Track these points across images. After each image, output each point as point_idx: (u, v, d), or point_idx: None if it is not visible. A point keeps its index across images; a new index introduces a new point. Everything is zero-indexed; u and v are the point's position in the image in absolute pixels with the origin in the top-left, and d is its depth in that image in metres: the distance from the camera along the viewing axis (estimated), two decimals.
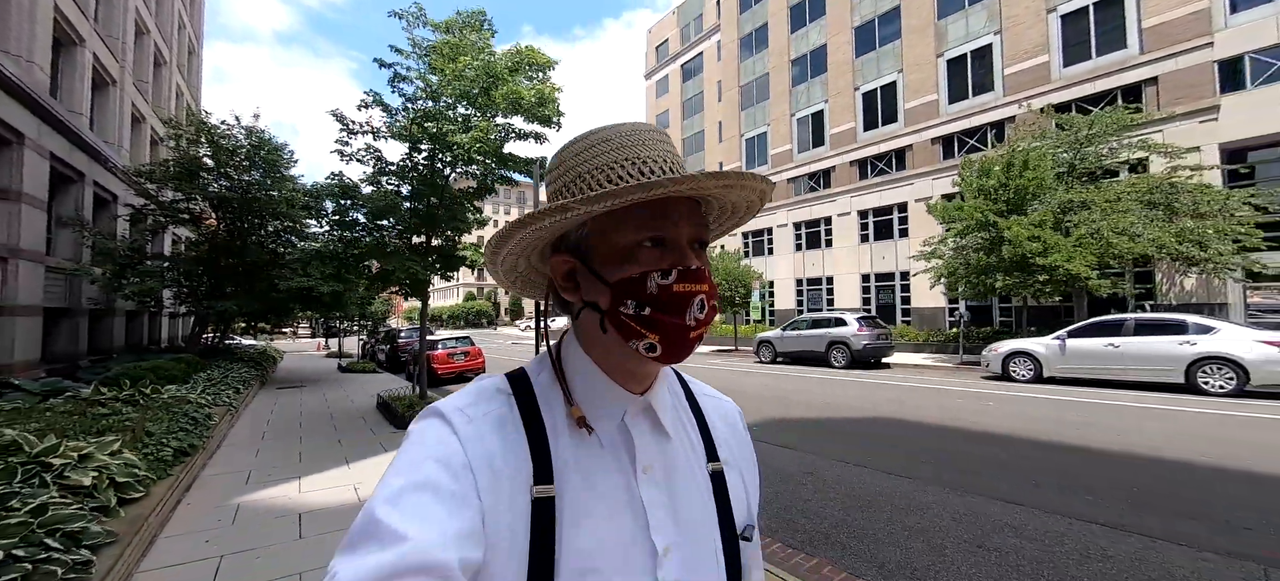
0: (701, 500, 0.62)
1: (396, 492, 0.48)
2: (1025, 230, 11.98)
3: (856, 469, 5.31)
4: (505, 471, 0.54)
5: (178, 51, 21.19)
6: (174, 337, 21.40)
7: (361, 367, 17.27)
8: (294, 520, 4.14)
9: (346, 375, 15.75)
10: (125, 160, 14.95)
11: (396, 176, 8.85)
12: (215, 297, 12.91)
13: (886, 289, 23.87)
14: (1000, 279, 12.81)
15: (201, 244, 13.74)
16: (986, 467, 5.26)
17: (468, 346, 14.91)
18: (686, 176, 0.52)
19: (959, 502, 4.32)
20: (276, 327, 22.57)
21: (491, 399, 0.59)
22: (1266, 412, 7.31)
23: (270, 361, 17.29)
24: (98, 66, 13.58)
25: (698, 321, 0.56)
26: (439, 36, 8.42)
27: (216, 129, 12.54)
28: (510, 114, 8.40)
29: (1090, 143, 14.72)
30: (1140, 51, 16.84)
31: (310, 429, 7.66)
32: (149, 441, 4.45)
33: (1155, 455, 5.48)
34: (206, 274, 13.29)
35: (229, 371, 10.89)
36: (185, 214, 13.04)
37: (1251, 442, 5.82)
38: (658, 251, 0.56)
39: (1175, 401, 8.32)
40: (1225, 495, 4.32)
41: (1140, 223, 12.00)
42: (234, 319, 15.15)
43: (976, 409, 8.22)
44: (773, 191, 0.63)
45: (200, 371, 9.59)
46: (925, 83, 22.53)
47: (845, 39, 25.91)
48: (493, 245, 0.60)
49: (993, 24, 20.50)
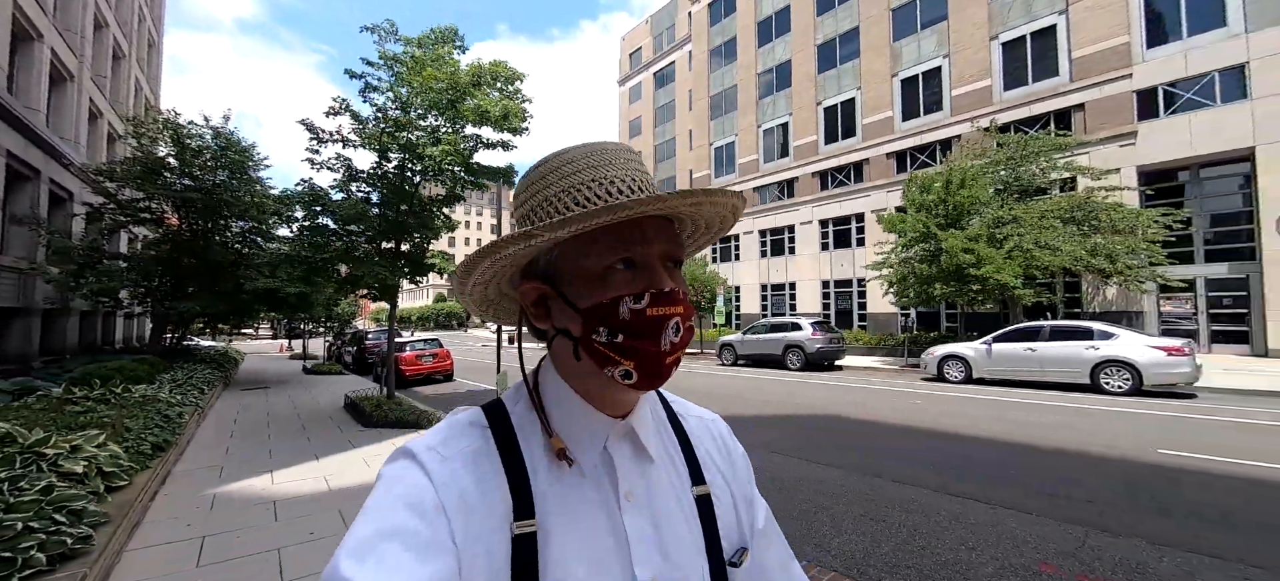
0: (687, 526, 0.61)
1: (364, 544, 0.46)
2: (960, 242, 13.05)
3: (786, 458, 5.96)
4: (482, 510, 0.52)
5: (137, 45, 20.70)
6: (129, 338, 20.85)
7: (328, 369, 17.27)
8: (269, 507, 4.52)
9: (312, 377, 15.76)
10: (82, 157, 14.68)
11: (366, 183, 9.16)
12: (177, 298, 12.85)
13: (845, 295, 25.03)
14: (939, 287, 13.87)
15: (163, 243, 13.62)
16: (899, 457, 5.98)
17: (436, 348, 15.16)
18: (654, 197, 0.52)
19: (866, 485, 4.99)
20: (236, 328, 22.20)
21: (465, 434, 0.57)
22: (1139, 408, 8.33)
23: (232, 363, 17.12)
24: (55, 61, 13.35)
25: (673, 345, 0.54)
26: (410, 51, 8.79)
27: (184, 128, 12.52)
28: (478, 125, 8.83)
29: (1023, 162, 16.02)
30: (1070, 79, 18.33)
31: (278, 428, 7.91)
32: (128, 436, 4.75)
33: (1038, 444, 6.31)
34: (167, 274, 13.20)
35: (193, 372, 10.95)
36: (146, 213, 12.95)
37: (1111, 431, 6.73)
38: (629, 274, 0.55)
39: (1080, 400, 9.33)
40: (1079, 475, 5.12)
41: (1060, 238, 13.19)
42: (195, 319, 15.02)
43: (905, 407, 9.05)
44: (744, 206, 0.62)
45: (164, 372, 9.66)
46: (881, 100, 23.80)
47: (809, 55, 27.08)
48: (460, 273, 0.59)
49: (942, 48, 21.87)
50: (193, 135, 12.72)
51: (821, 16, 26.68)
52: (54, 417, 4.79)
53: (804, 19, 27.37)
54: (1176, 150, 16.19)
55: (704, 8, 34.08)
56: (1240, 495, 4.54)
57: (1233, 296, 15.69)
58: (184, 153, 12.48)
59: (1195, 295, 16.29)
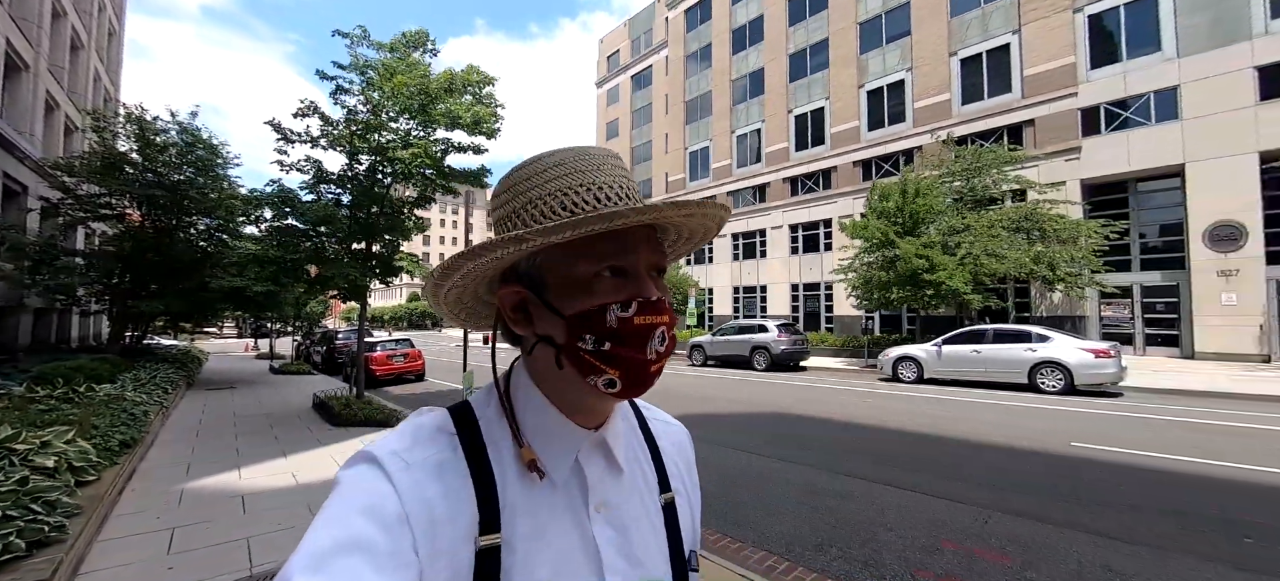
0: (654, 533, 0.61)
1: (320, 555, 0.44)
2: (914, 249, 13.76)
3: (736, 452, 6.37)
4: (446, 522, 0.50)
5: (97, 35, 20.09)
6: (85, 336, 20.19)
7: (296, 369, 17.09)
8: (237, 500, 4.69)
9: (279, 377, 15.61)
10: (39, 151, 14.26)
11: (336, 184, 9.24)
12: (139, 296, 12.63)
13: (813, 298, 25.79)
14: (896, 292, 14.58)
15: (124, 240, 13.35)
16: (842, 450, 6.44)
17: (407, 348, 15.20)
18: (649, 206, 0.51)
19: (808, 474, 5.42)
20: (198, 326, 21.70)
21: (432, 440, 0.55)
22: (1067, 406, 9.03)
23: (195, 362, 16.80)
24: (10, 51, 12.98)
25: (658, 354, 0.54)
26: (382, 55, 8.92)
27: (150, 123, 12.33)
28: (450, 128, 9.02)
29: (976, 174, 16.90)
30: (1022, 96, 19.37)
31: (245, 427, 7.97)
32: (96, 432, 4.85)
33: (970, 438, 6.86)
34: (129, 271, 12.95)
35: (155, 372, 10.83)
36: (107, 209, 12.68)
37: (1036, 427, 7.34)
38: (616, 282, 0.54)
39: (1018, 398, 10.02)
40: (1001, 465, 5.65)
41: (1006, 246, 14.03)
42: (157, 317, 14.73)
43: (857, 405, 9.59)
44: (729, 216, 0.62)
45: (125, 372, 9.56)
46: (848, 110, 24.64)
47: (781, 65, 27.82)
48: (436, 277, 0.57)
49: (905, 62, 22.79)
50: (159, 131, 12.53)
51: (793, 27, 27.45)
52: (19, 415, 4.86)
53: (776, 29, 28.11)
54: (1116, 165, 17.29)
55: (681, 13, 34.61)
56: (1134, 482, 5.11)
57: (1165, 302, 16.84)
58: (148, 148, 12.29)
59: (1132, 301, 17.43)
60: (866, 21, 24.31)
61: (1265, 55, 14.99)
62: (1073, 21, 18.30)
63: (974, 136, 20.37)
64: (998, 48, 20.13)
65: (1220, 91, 15.50)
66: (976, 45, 20.68)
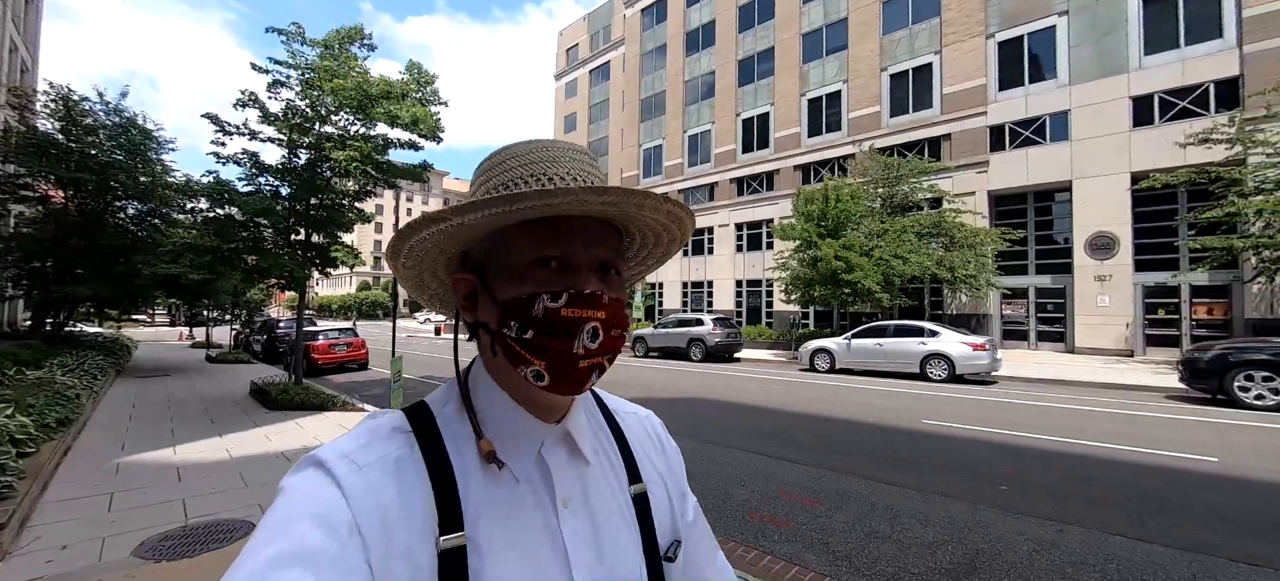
0: (625, 526, 0.60)
1: (262, 569, 0.41)
2: (833, 250, 15.06)
3: None
4: (403, 525, 0.48)
5: (12, 3, 18.93)
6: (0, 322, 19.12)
7: (234, 357, 16.88)
8: (173, 471, 5.16)
9: (216, 365, 15.45)
10: None
11: (275, 176, 9.46)
12: (63, 281, 12.34)
13: (755, 294, 27.18)
14: (817, 289, 15.89)
15: (46, 223, 12.94)
16: (736, 427, 7.39)
17: (350, 338, 15.37)
18: (563, 190, 0.49)
19: (703, 448, 6.31)
20: (127, 313, 20.86)
21: (387, 439, 0.53)
22: (943, 392, 10.40)
23: (124, 350, 16.35)
24: None
25: (588, 350, 0.52)
26: (317, 52, 9.13)
27: (78, 105, 12.04)
28: (391, 125, 9.38)
29: (896, 183, 18.47)
30: (940, 112, 21.13)
31: (180, 412, 8.23)
32: (32, 410, 5.18)
33: (851, 418, 7.96)
34: (51, 255, 12.61)
35: (84, 358, 10.73)
36: (27, 190, 12.30)
37: (905, 408, 8.55)
38: (551, 272, 0.53)
39: (908, 385, 11.35)
40: (860, 438, 6.72)
41: (911, 251, 15.54)
42: (83, 303, 14.32)
43: (770, 391, 10.66)
44: (692, 222, 0.60)
45: (51, 358, 9.51)
46: (791, 117, 26.02)
47: (730, 69, 28.96)
48: (388, 255, 0.58)
49: (842, 74, 24.30)
50: (85, 112, 12.24)
51: (743, 34, 28.62)
52: None
53: (727, 35, 29.21)
54: (1017, 179, 19.23)
55: (638, 13, 35.25)
56: (953, 449, 6.26)
57: (1054, 303, 18.94)
58: (74, 128, 11.99)
59: (1028, 301, 19.49)
60: (809, 33, 25.71)
61: (1139, 87, 17.08)
62: (985, 46, 20.14)
63: (901, 147, 22.04)
64: (922, 66, 21.84)
65: (1102, 117, 17.55)
66: (904, 63, 22.35)
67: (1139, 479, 5.13)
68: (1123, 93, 17.26)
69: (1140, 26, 17.13)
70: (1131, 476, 5.20)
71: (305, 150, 9.27)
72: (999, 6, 19.99)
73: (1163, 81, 16.68)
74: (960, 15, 20.70)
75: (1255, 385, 8.45)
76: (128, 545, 3.55)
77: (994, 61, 20.01)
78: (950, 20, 20.98)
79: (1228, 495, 4.68)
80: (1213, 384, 8.85)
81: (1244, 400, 8.50)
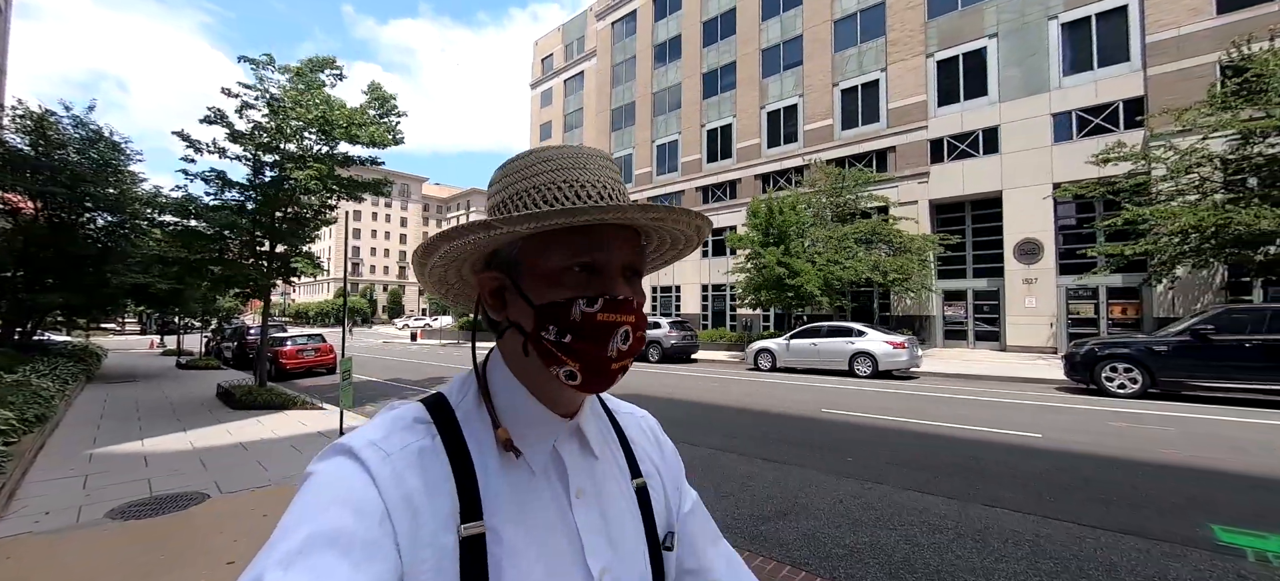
0: (630, 517, 0.64)
1: (295, 551, 0.43)
2: (776, 257, 16.16)
3: None
4: (427, 511, 0.50)
5: None
6: None
7: (204, 364, 17.31)
8: (140, 458, 5.88)
9: (186, 372, 15.90)
10: None
11: (240, 190, 10.14)
12: (33, 290, 12.78)
13: (719, 298, 28.26)
14: (763, 294, 16.97)
15: (15, 234, 13.34)
16: (670, 419, 8.28)
17: (319, 343, 15.95)
18: (612, 206, 0.53)
19: None
20: (96, 322, 21.04)
21: (409, 429, 0.55)
22: (860, 386, 11.46)
23: (94, 358, 16.70)
24: None
25: (620, 352, 0.55)
26: (288, 78, 9.89)
27: (52, 123, 12.52)
28: (351, 144, 10.13)
29: (842, 193, 19.68)
30: (887, 126, 22.48)
31: (148, 412, 8.86)
32: (14, 406, 5.86)
33: (766, 408, 8.93)
34: (21, 265, 13.03)
35: (55, 365, 11.23)
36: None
37: (812, 401, 9.56)
38: (586, 277, 0.55)
39: (834, 381, 12.41)
40: (765, 426, 7.68)
41: (850, 257, 16.72)
42: (53, 311, 14.70)
43: (711, 388, 11.61)
44: (709, 227, 0.64)
45: (24, 364, 10.03)
46: (751, 128, 27.23)
47: (696, 82, 30.12)
48: (419, 255, 0.59)
49: (798, 89, 25.59)
50: (53, 126, 12.72)
51: (707, 48, 29.81)
52: None
53: (692, 49, 30.39)
54: (955, 189, 20.60)
55: (609, 26, 36.30)
56: (839, 433, 7.25)
57: (990, 305, 20.31)
58: (44, 145, 12.47)
59: (967, 303, 20.84)
60: (768, 49, 26.98)
61: (1058, 105, 18.55)
62: (925, 65, 21.54)
63: (852, 158, 23.34)
64: (869, 83, 23.20)
65: (1027, 132, 18.99)
66: (854, 79, 23.69)
67: (964, 450, 6.16)
68: (1045, 110, 18.72)
69: (1060, 50, 18.63)
70: (960, 448, 6.23)
71: (270, 167, 9.98)
72: (937, 28, 21.42)
73: (1079, 100, 18.17)
74: (903, 35, 22.10)
75: (1118, 375, 9.66)
76: (100, 511, 4.32)
77: (934, 79, 21.41)
78: (894, 40, 22.37)
79: (1032, 461, 5.72)
80: (1086, 375, 10.04)
81: (1109, 388, 9.70)
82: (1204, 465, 5.44)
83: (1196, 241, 12.22)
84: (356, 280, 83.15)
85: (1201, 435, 6.69)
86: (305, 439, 6.84)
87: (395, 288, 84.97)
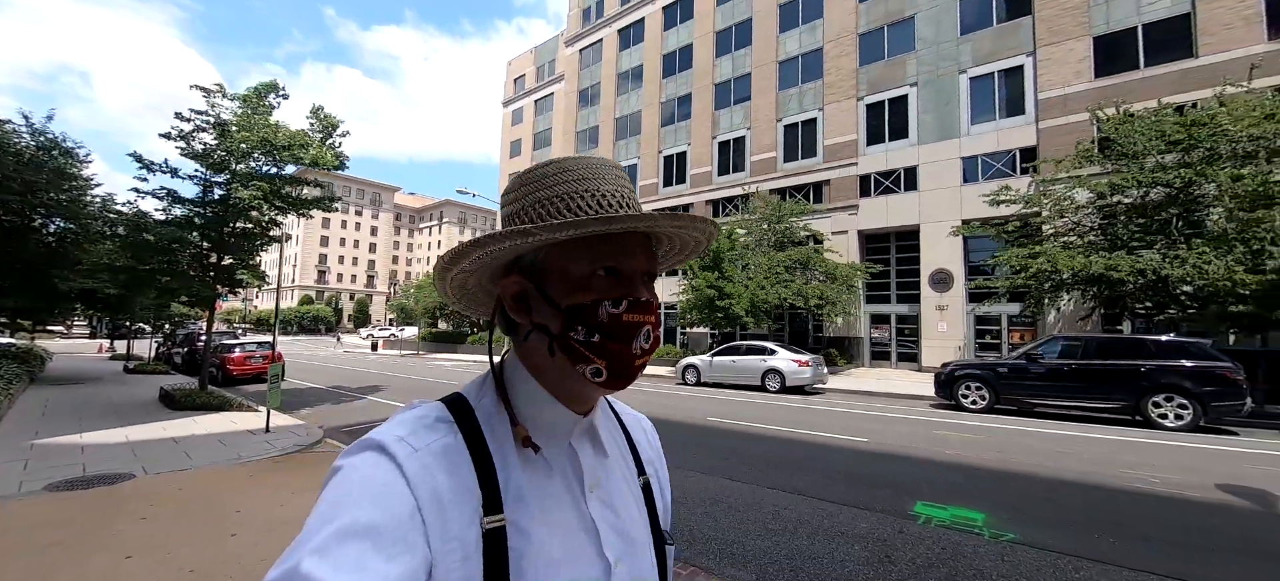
0: (638, 512, 0.68)
1: (328, 541, 0.45)
2: (706, 281, 17.51)
3: None
4: (454, 507, 0.53)
5: None
6: None
7: (153, 368, 17.63)
8: (78, 449, 6.69)
9: (133, 376, 16.26)
10: None
11: (190, 206, 10.91)
12: None
13: (671, 317, 29.51)
14: (694, 314, 18.29)
15: None
16: None
17: (267, 350, 16.51)
18: (646, 215, 0.57)
19: None
20: (40, 324, 21.01)
21: (433, 428, 0.58)
22: (763, 400, 12.74)
23: (38, 360, 16.90)
24: None
25: (643, 350, 0.59)
26: (237, 105, 10.77)
27: (5, 129, 13.06)
28: (295, 164, 11.05)
29: (778, 222, 21.27)
30: (823, 161, 24.31)
31: (90, 413, 9.52)
32: None
33: (662, 418, 10.08)
34: None
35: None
36: None
37: (701, 411, 10.77)
38: (611, 281, 0.59)
39: (746, 395, 13.67)
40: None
41: (775, 282, 18.21)
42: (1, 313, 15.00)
43: (631, 400, 12.67)
44: (717, 233, 0.68)
45: None
46: (703, 157, 28.86)
47: (655, 111, 31.73)
48: (444, 262, 0.61)
49: (746, 122, 27.36)
50: (10, 135, 13.26)
51: (666, 80, 31.51)
52: None
53: (653, 80, 32.06)
54: (880, 221, 22.42)
55: (576, 52, 37.81)
56: (711, 439, 8.43)
57: (910, 328, 22.06)
58: (2, 153, 13.00)
59: (891, 326, 22.56)
60: (720, 84, 28.77)
61: (967, 150, 20.57)
62: (856, 107, 23.48)
63: (792, 189, 25.07)
64: (809, 120, 25.08)
65: (941, 173, 20.94)
66: (795, 116, 25.55)
67: (797, 450, 7.40)
68: (955, 154, 20.72)
69: (968, 100, 20.72)
70: (795, 449, 7.48)
71: (220, 185, 10.81)
72: (867, 74, 23.44)
73: (984, 146, 20.21)
74: (837, 79, 24.06)
75: (971, 392, 11.16)
76: (40, 485, 5.19)
77: (863, 120, 23.36)
78: (830, 83, 24.32)
79: (837, 458, 6.99)
80: (947, 393, 11.53)
81: (965, 404, 11.19)
82: (970, 463, 6.79)
83: (1068, 278, 13.90)
84: (323, 288, 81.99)
85: (1007, 443, 8.05)
86: (231, 435, 7.70)
87: (362, 297, 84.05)
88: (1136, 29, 17.77)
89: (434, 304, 37.06)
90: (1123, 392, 9.57)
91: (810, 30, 25.49)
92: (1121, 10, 18.07)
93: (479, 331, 33.06)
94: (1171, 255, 11.81)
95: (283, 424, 8.49)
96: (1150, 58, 17.46)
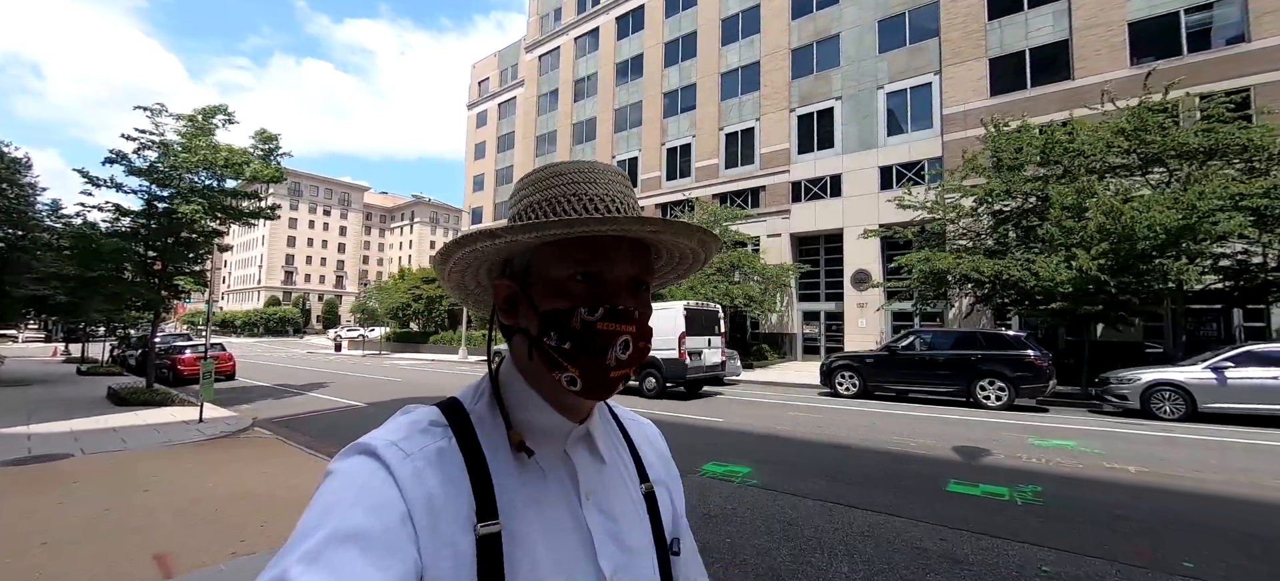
0: (638, 520, 0.66)
1: (317, 547, 0.44)
2: None
3: None
4: (446, 512, 0.52)
5: None
6: None
7: (106, 370, 18.26)
8: (24, 438, 7.71)
9: (85, 377, 16.92)
10: None
11: (134, 218, 11.78)
12: None
13: None
14: None
15: None
16: None
17: (218, 352, 17.33)
18: (610, 218, 0.55)
19: None
20: None
21: (426, 432, 0.57)
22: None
23: None
24: None
25: (619, 361, 0.57)
26: (182, 123, 11.69)
27: None
28: (236, 179, 12.03)
29: (718, 224, 22.76)
30: (759, 168, 25.92)
31: (38, 408, 10.41)
32: None
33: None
34: None
35: None
36: None
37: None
38: (588, 287, 0.57)
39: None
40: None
41: (705, 283, 19.69)
42: None
43: None
44: (717, 245, 0.67)
45: None
46: (653, 162, 30.27)
47: (609, 117, 33.02)
48: (438, 259, 0.62)
49: (691, 130, 28.84)
50: None
51: (619, 87, 32.82)
52: None
53: (606, 88, 33.34)
54: (810, 225, 24.12)
55: (536, 58, 38.85)
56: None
57: (836, 324, 23.81)
58: None
59: (820, 322, 24.29)
60: (668, 93, 30.20)
61: (883, 160, 22.35)
62: (789, 118, 25.14)
63: (733, 194, 26.63)
64: (747, 129, 26.66)
65: (861, 181, 22.70)
66: (735, 125, 27.11)
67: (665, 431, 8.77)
68: (874, 163, 22.50)
69: (885, 114, 22.51)
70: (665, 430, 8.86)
71: (165, 200, 11.73)
72: (798, 88, 25.10)
73: (898, 156, 22.02)
74: (772, 91, 25.69)
75: (845, 381, 12.75)
76: None
77: (795, 130, 25.03)
78: (765, 94, 25.94)
79: (680, 436, 8.39)
80: (828, 382, 13.12)
81: (840, 391, 12.78)
82: (803, 436, 8.23)
83: (952, 279, 15.58)
84: (291, 289, 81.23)
85: (834, 421, 9.54)
86: (167, 424, 8.76)
87: (331, 298, 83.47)
88: (1025, 52, 19.71)
89: (397, 304, 37.70)
90: (960, 378, 11.23)
91: (749, 44, 27.06)
92: (1012, 34, 19.99)
93: (442, 332, 33.94)
94: (1025, 257, 13.57)
95: (217, 415, 9.54)
96: (1036, 78, 19.41)
